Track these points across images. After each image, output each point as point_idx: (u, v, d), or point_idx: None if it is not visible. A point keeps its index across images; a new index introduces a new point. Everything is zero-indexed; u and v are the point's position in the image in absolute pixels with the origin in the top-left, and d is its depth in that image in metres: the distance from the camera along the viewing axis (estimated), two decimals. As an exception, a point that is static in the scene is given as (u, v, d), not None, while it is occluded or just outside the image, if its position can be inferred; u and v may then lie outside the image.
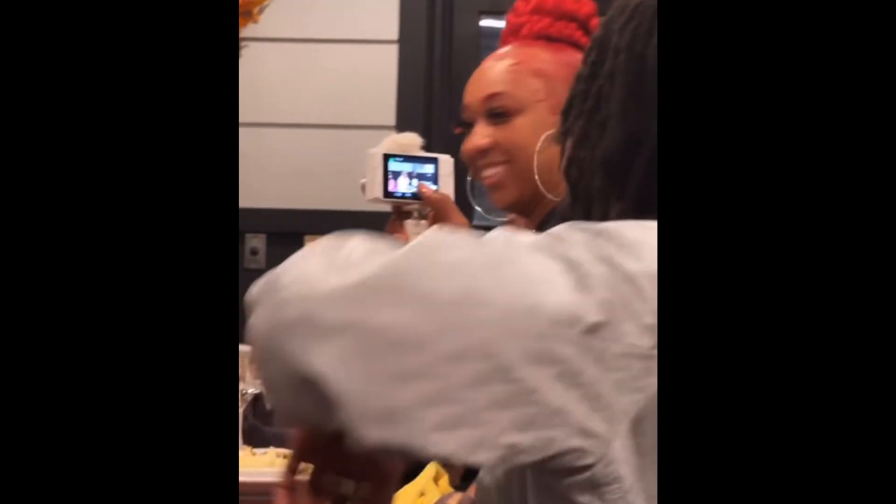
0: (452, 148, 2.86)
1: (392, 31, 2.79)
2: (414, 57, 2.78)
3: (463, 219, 1.15)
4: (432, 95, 2.80)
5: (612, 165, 0.75)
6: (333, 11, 2.80)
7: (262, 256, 2.75)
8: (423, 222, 1.16)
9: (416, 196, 1.15)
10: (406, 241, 1.09)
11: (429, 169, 1.16)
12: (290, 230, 2.72)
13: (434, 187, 1.15)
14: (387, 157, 1.14)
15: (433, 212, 1.15)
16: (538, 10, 1.40)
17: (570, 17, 1.41)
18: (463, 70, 2.91)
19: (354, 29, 2.79)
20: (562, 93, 1.39)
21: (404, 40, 2.78)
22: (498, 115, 1.37)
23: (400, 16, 2.78)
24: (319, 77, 2.80)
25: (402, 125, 2.77)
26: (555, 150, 1.39)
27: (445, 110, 2.84)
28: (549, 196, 1.38)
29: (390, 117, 2.78)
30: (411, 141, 1.18)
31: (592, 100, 0.78)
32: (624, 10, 0.77)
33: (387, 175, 1.14)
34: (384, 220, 2.77)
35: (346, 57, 2.79)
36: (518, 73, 1.38)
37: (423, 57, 2.78)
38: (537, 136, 1.36)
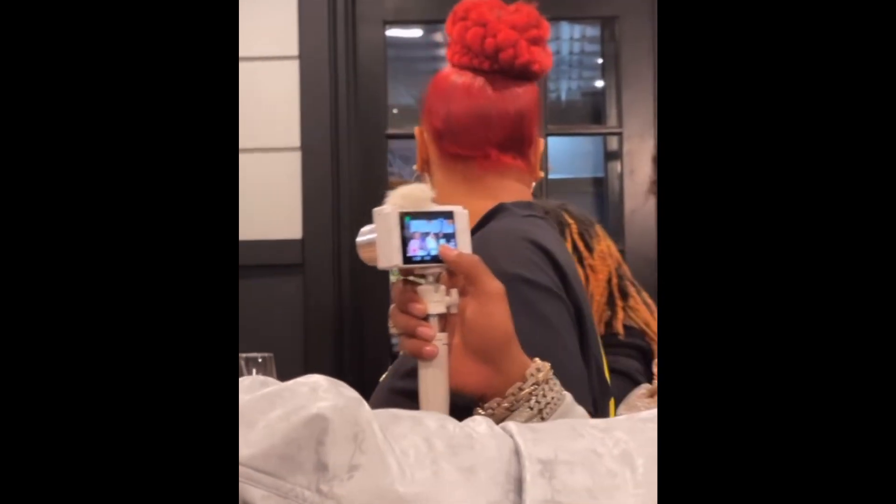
0: (365, 169, 2.75)
1: (292, 46, 2.63)
2: (316, 72, 2.63)
3: (497, 283, 0.97)
4: (338, 112, 2.65)
5: None
6: (228, 28, 2.63)
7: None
8: (442, 287, 0.98)
9: (436, 259, 0.97)
10: (424, 311, 0.97)
11: (449, 227, 0.97)
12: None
13: (454, 247, 0.96)
14: (403, 217, 0.96)
15: (453, 275, 0.98)
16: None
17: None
18: (370, 83, 2.77)
19: (251, 45, 2.62)
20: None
21: (305, 55, 2.63)
22: None
23: (299, 29, 2.63)
24: (216, 99, 2.62)
25: (307, 146, 2.61)
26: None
27: (353, 127, 2.69)
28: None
29: (294, 139, 2.62)
30: (423, 193, 0.98)
31: None
32: None
33: (405, 238, 0.96)
34: (292, 251, 2.64)
35: (244, 76, 2.62)
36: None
37: (327, 72, 2.62)
38: None
